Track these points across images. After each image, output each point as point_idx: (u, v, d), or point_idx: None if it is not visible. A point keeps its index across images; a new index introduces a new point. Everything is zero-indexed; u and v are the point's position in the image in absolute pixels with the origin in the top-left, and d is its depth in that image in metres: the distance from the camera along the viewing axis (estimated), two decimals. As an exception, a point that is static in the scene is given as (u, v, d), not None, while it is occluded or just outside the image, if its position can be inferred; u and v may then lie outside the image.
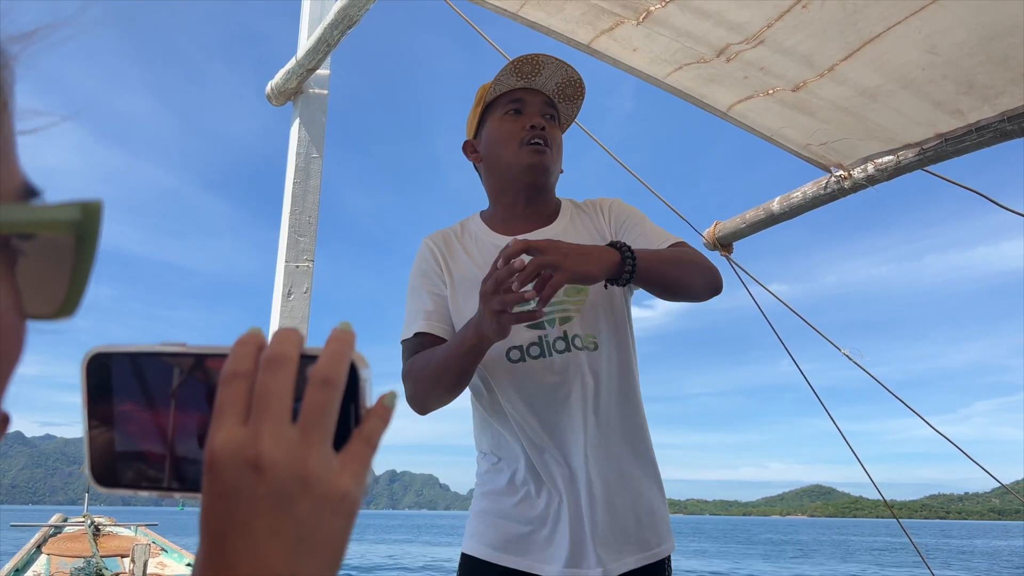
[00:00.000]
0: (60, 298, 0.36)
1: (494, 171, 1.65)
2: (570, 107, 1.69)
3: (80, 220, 0.34)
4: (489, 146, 1.65)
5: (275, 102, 2.60)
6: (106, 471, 0.44)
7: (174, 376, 0.44)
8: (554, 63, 1.60)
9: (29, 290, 0.35)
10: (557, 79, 1.63)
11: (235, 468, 0.39)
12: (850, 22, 1.86)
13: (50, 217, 0.34)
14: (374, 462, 0.44)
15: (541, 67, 1.60)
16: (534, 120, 1.59)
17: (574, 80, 1.64)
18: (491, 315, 1.28)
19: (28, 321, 0.36)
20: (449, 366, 1.41)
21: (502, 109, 1.63)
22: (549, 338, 1.51)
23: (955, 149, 2.18)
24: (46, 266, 0.35)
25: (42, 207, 0.34)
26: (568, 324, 1.52)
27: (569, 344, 1.51)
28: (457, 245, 1.65)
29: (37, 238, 0.34)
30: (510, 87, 1.63)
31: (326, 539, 0.40)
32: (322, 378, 0.41)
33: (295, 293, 2.46)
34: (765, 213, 2.79)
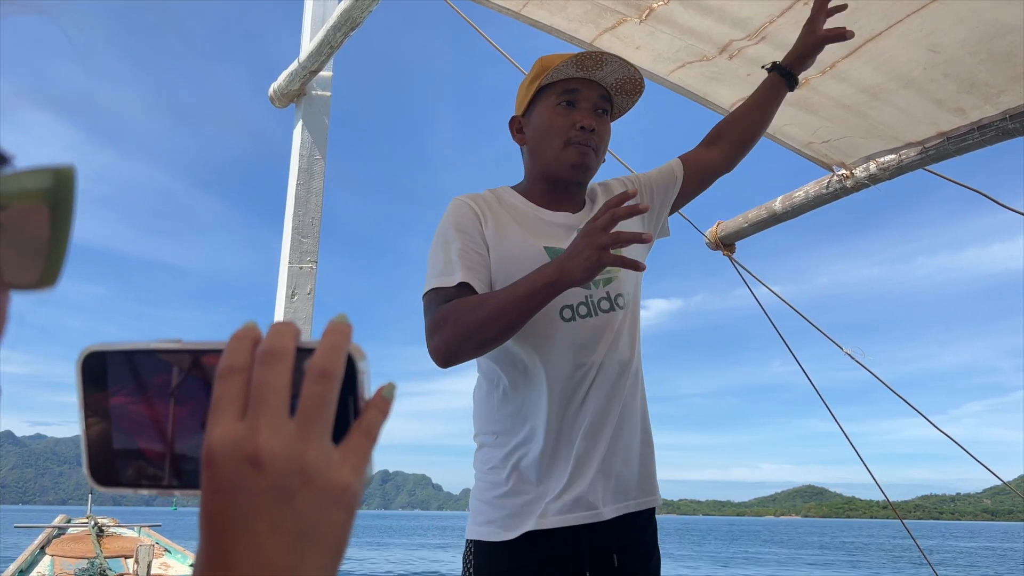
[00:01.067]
0: (40, 267, 0.35)
1: (536, 158, 1.65)
2: (626, 100, 1.67)
3: (52, 187, 0.33)
4: (535, 133, 1.63)
5: (278, 104, 2.61)
6: (104, 470, 0.44)
7: (170, 373, 0.43)
8: (618, 61, 1.57)
9: (8, 260, 0.35)
10: (618, 75, 1.60)
11: (233, 463, 0.39)
12: (851, 20, 1.86)
13: (21, 187, 0.33)
14: (374, 455, 0.43)
15: (604, 63, 1.57)
16: (585, 120, 1.57)
17: (635, 79, 1.61)
18: (595, 250, 1.29)
19: (11, 292, 0.36)
20: (511, 307, 1.38)
21: (556, 97, 1.60)
22: (594, 298, 1.56)
23: (957, 148, 2.17)
24: (23, 235, 0.34)
25: (12, 176, 0.34)
26: (610, 285, 1.57)
27: (613, 303, 1.57)
28: (502, 212, 1.61)
29: (11, 208, 0.33)
30: (568, 75, 1.59)
31: (327, 533, 0.40)
32: (319, 371, 0.41)
33: (299, 294, 2.47)
34: (767, 212, 2.79)
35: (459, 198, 1.63)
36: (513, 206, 1.63)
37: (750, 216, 2.85)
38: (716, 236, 2.91)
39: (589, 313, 1.54)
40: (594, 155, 1.60)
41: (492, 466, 1.59)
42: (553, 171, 1.61)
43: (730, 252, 2.90)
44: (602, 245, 1.29)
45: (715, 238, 2.91)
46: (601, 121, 1.61)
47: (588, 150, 1.57)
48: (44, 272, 0.36)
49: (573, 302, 1.54)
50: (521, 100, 1.68)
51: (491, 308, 1.39)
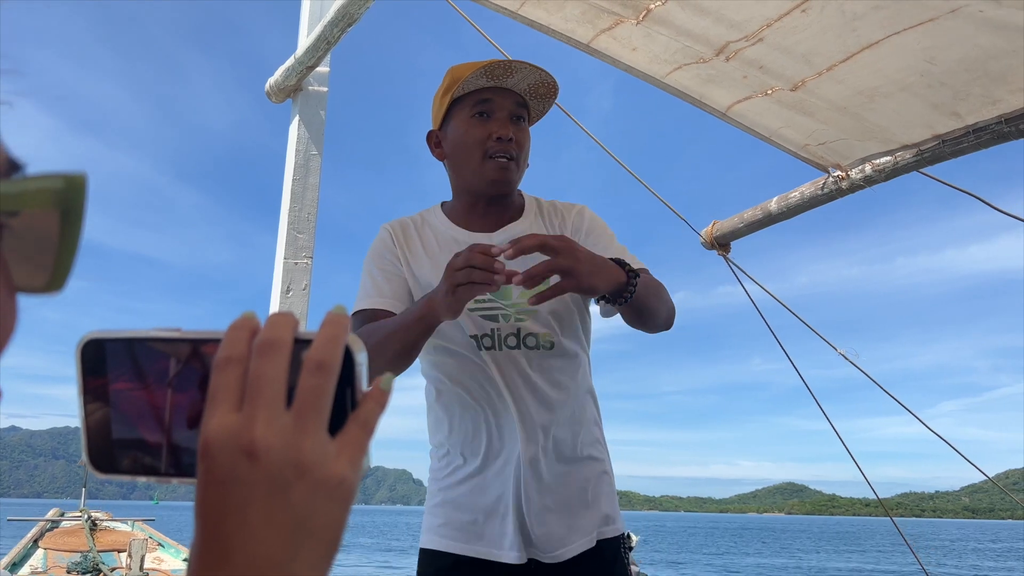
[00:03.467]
0: (49, 271, 0.35)
1: (457, 172, 1.64)
2: (542, 104, 1.64)
3: (64, 193, 0.33)
4: (453, 147, 1.61)
5: (274, 99, 2.61)
6: (103, 457, 0.44)
7: (169, 361, 0.43)
8: (528, 67, 1.55)
9: (17, 264, 0.35)
10: (530, 80, 1.57)
11: (229, 455, 0.39)
12: (849, 28, 1.86)
13: (34, 189, 0.33)
14: (371, 447, 0.43)
15: (514, 70, 1.55)
16: (502, 130, 1.55)
17: (547, 82, 1.58)
18: (450, 287, 1.28)
19: (18, 295, 0.36)
20: (396, 337, 1.41)
21: (470, 109, 1.58)
22: (501, 333, 1.53)
23: (952, 150, 2.18)
24: (34, 240, 0.34)
25: (25, 181, 0.34)
26: (522, 323, 1.54)
27: (520, 342, 1.53)
28: (416, 238, 1.64)
29: (22, 212, 0.34)
30: (479, 86, 1.57)
31: (322, 525, 0.40)
32: (316, 362, 0.41)
33: (294, 290, 2.47)
34: (763, 213, 2.79)
35: (383, 226, 1.68)
36: (435, 228, 1.65)
37: (746, 216, 2.86)
38: (712, 236, 2.91)
39: (494, 346, 1.53)
40: (515, 166, 1.57)
41: (437, 473, 1.63)
42: (474, 186, 1.61)
43: (725, 252, 2.90)
44: (455, 283, 1.28)
45: (711, 238, 2.92)
46: (519, 128, 1.58)
47: (507, 162, 1.55)
48: (53, 277, 0.36)
49: (478, 333, 1.53)
50: (436, 113, 1.65)
51: (380, 336, 1.43)
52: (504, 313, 1.54)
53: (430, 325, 1.39)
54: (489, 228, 1.63)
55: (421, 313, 1.37)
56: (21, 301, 0.36)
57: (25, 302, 0.37)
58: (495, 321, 1.54)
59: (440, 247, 1.61)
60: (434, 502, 1.61)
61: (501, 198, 1.63)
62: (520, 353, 1.53)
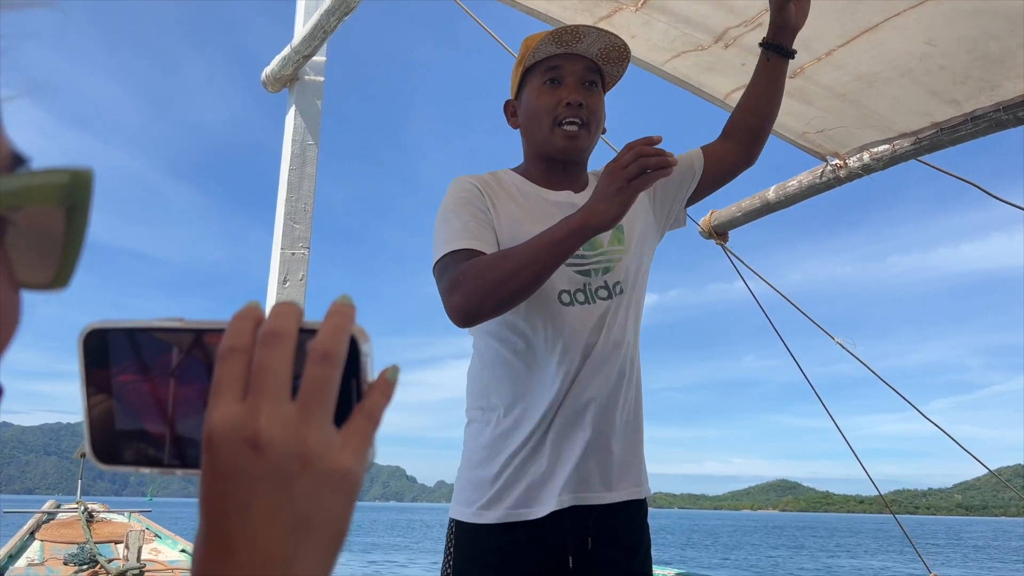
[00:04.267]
0: (54, 268, 0.35)
1: (529, 140, 1.64)
2: (615, 68, 1.63)
3: (70, 188, 0.33)
4: (526, 116, 1.62)
5: (271, 88, 2.60)
6: (106, 448, 0.43)
7: (172, 352, 0.43)
8: (596, 31, 1.54)
9: (22, 260, 0.34)
10: (600, 45, 1.56)
11: (233, 446, 0.38)
12: (848, 10, 1.86)
13: (39, 185, 0.33)
14: (376, 439, 0.42)
15: (582, 36, 1.54)
16: (571, 96, 1.54)
17: (618, 45, 1.57)
18: (623, 183, 1.26)
19: (23, 291, 0.35)
20: (537, 258, 1.35)
21: (540, 77, 1.58)
22: (592, 286, 1.54)
23: (951, 139, 2.18)
24: (39, 235, 0.34)
25: (30, 175, 0.33)
26: (608, 274, 1.56)
27: (611, 291, 1.55)
28: (500, 191, 1.59)
29: (27, 208, 0.33)
30: (548, 54, 1.56)
31: (327, 518, 0.39)
32: (321, 353, 0.40)
33: (291, 280, 2.46)
34: (761, 202, 2.79)
35: (460, 178, 1.61)
36: (514, 186, 1.61)
37: (744, 205, 2.86)
38: (709, 225, 2.91)
39: (587, 300, 1.53)
40: (585, 131, 1.56)
41: (478, 443, 1.57)
42: (547, 152, 1.59)
43: (723, 241, 2.90)
44: (628, 177, 1.25)
45: (708, 227, 2.92)
46: (590, 93, 1.57)
47: (577, 128, 1.55)
48: (57, 273, 0.35)
49: (570, 288, 1.53)
50: (513, 83, 1.67)
51: (515, 260, 1.36)
52: (594, 268, 1.55)
53: (588, 236, 1.34)
54: (573, 189, 1.62)
55: (580, 223, 1.31)
56: (24, 297, 0.36)
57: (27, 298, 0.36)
58: (588, 276, 1.54)
59: (526, 201, 1.58)
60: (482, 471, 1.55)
61: (570, 168, 1.62)
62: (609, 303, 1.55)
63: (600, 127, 1.61)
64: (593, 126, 1.58)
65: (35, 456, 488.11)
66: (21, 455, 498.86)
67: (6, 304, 0.34)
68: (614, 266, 1.57)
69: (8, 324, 0.35)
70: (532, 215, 1.55)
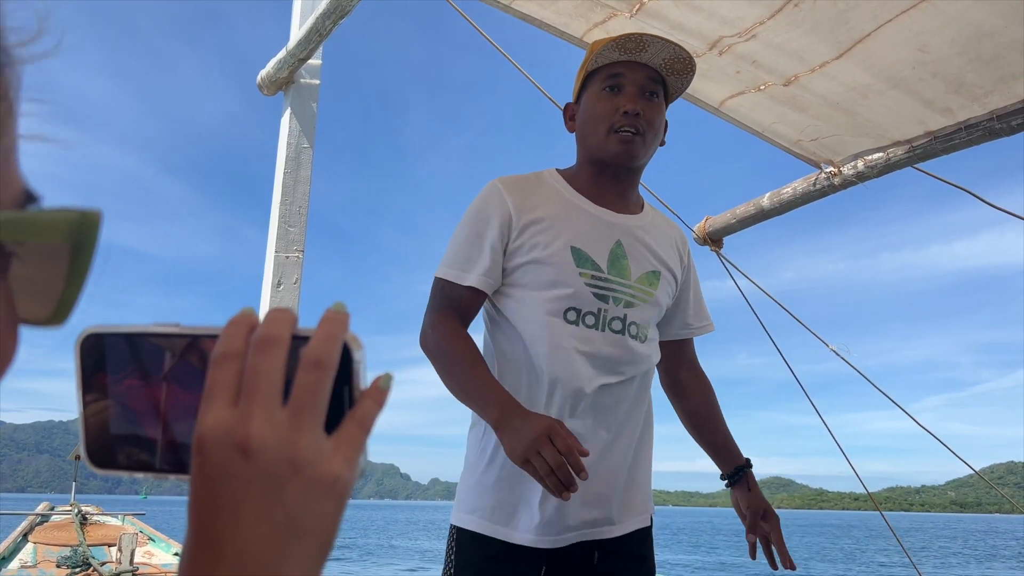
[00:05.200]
0: (53, 304, 0.35)
1: (583, 144, 1.61)
2: (679, 80, 1.59)
3: (78, 226, 0.33)
4: (583, 120, 1.59)
5: (266, 91, 2.59)
6: (101, 452, 0.44)
7: (168, 357, 0.43)
8: (662, 42, 1.51)
9: (22, 295, 0.35)
10: (666, 55, 1.53)
11: (223, 451, 0.39)
12: (841, 20, 1.86)
13: (47, 221, 0.33)
14: (368, 446, 0.43)
15: (647, 44, 1.51)
16: (628, 105, 1.51)
17: (683, 57, 1.54)
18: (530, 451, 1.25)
19: (20, 326, 0.36)
20: (459, 392, 1.44)
21: (600, 83, 1.55)
22: (607, 315, 1.51)
23: (944, 147, 2.19)
24: (40, 271, 0.34)
25: (39, 213, 0.34)
26: (630, 310, 1.53)
27: (625, 328, 1.52)
28: (536, 193, 1.57)
29: (33, 243, 0.34)
30: (612, 59, 1.54)
31: (315, 524, 0.39)
32: (313, 360, 0.41)
33: (285, 283, 2.46)
34: (755, 208, 2.80)
35: (495, 183, 1.57)
36: (556, 191, 1.58)
37: (738, 212, 2.86)
38: (704, 232, 2.92)
39: (596, 326, 1.50)
40: (641, 140, 1.52)
41: (480, 447, 1.55)
42: (599, 157, 1.56)
43: (718, 248, 2.91)
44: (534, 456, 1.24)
45: (703, 233, 2.92)
46: (649, 104, 1.53)
47: (632, 136, 1.51)
48: (56, 310, 0.35)
49: (582, 308, 1.50)
50: (575, 86, 1.64)
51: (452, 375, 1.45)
52: (616, 296, 1.52)
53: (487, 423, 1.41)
54: (619, 208, 1.59)
55: (492, 419, 1.36)
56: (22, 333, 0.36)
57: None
58: (605, 302, 1.51)
59: (562, 208, 1.55)
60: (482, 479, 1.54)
61: (626, 173, 1.59)
62: (620, 339, 1.52)
63: (658, 138, 1.58)
64: (649, 136, 1.54)
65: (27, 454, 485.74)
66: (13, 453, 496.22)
67: (4, 337, 0.35)
68: (639, 303, 1.54)
69: (5, 357, 0.35)
70: (565, 224, 1.52)
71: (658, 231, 1.63)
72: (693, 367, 1.70)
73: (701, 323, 1.71)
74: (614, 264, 1.53)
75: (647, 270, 1.56)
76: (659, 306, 1.59)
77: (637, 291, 1.54)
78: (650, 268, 1.57)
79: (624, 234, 1.56)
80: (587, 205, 1.57)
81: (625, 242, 1.55)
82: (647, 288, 1.56)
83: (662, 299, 1.59)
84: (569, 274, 1.49)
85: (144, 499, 49.44)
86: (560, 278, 1.49)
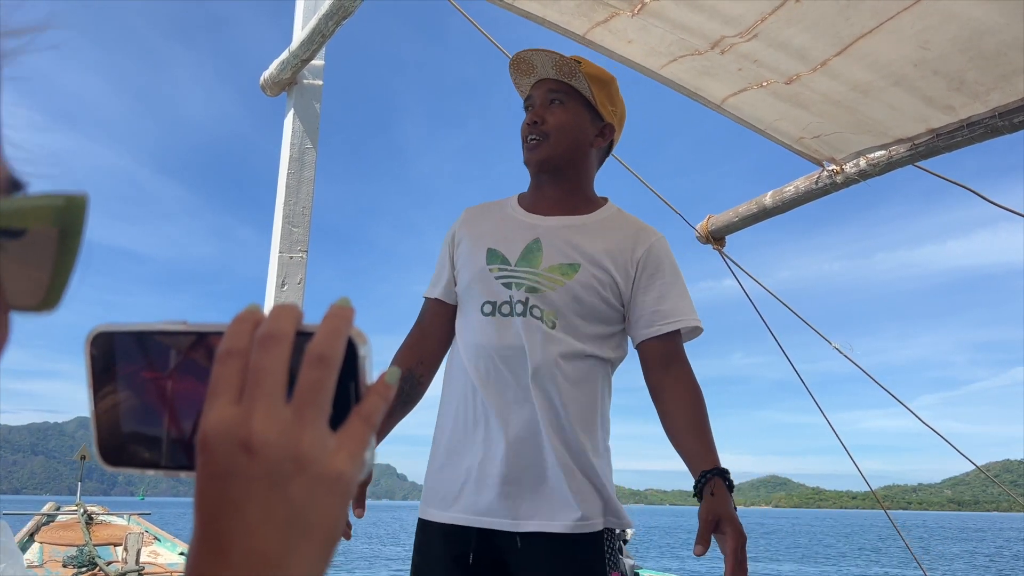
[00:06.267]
0: (43, 290, 0.35)
1: None
2: (579, 81, 1.70)
3: (64, 211, 0.33)
4: None
5: (269, 92, 2.59)
6: (112, 450, 0.44)
7: (176, 354, 0.43)
8: (542, 53, 1.69)
9: (11, 282, 0.35)
10: (551, 63, 1.69)
11: (227, 448, 0.38)
12: (842, 16, 1.87)
13: (33, 207, 0.33)
14: (373, 441, 0.42)
15: (532, 61, 1.71)
16: (528, 117, 1.70)
17: (558, 60, 1.69)
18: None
19: (11, 313, 0.36)
20: None
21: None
22: (513, 299, 1.61)
23: (946, 144, 2.19)
24: (29, 258, 0.34)
25: (25, 199, 0.34)
26: (532, 294, 1.60)
27: (527, 310, 1.59)
28: (487, 213, 1.79)
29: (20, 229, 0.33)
30: (525, 87, 1.76)
31: (320, 520, 0.39)
32: (317, 355, 0.40)
33: (289, 284, 2.46)
34: (758, 207, 2.80)
35: (466, 210, 1.84)
36: (500, 209, 1.78)
37: (740, 211, 2.87)
38: (707, 230, 2.92)
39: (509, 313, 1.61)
40: (545, 143, 1.67)
41: (434, 441, 1.69)
42: (528, 169, 1.75)
43: (720, 246, 2.91)
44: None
45: (706, 232, 2.92)
46: (551, 110, 1.69)
47: (534, 143, 1.68)
48: (47, 295, 0.35)
49: (496, 300, 1.63)
50: None
51: None
52: (518, 282, 1.62)
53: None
54: (544, 211, 1.72)
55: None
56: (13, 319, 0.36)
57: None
58: (510, 288, 1.62)
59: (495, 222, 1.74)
60: (428, 469, 1.69)
61: (556, 177, 1.72)
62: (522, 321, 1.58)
63: (570, 136, 1.69)
64: (556, 137, 1.68)
65: (22, 456, 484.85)
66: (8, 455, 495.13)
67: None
68: (542, 289, 1.60)
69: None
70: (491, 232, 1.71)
71: (603, 231, 1.68)
72: (669, 369, 1.63)
73: (660, 324, 1.63)
74: (525, 256, 1.64)
75: (562, 262, 1.62)
76: (574, 295, 1.60)
77: (544, 278, 1.60)
78: (567, 260, 1.62)
79: (546, 233, 1.67)
80: (519, 214, 1.73)
81: (545, 239, 1.65)
82: (557, 276, 1.61)
83: (578, 289, 1.60)
84: (482, 272, 1.66)
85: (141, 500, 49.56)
86: (475, 277, 1.66)
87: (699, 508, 1.45)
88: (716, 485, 1.45)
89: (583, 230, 1.67)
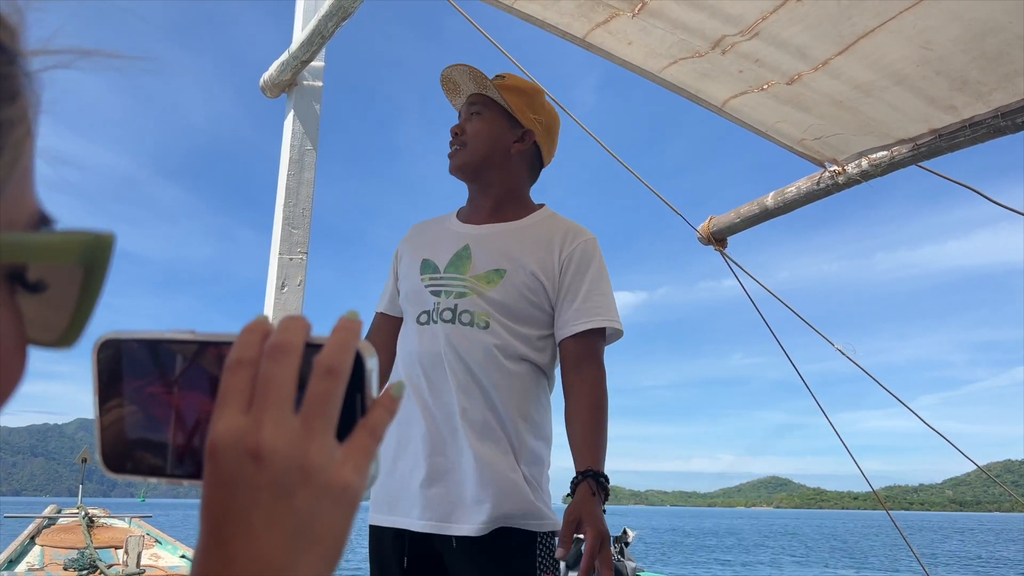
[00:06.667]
0: (63, 326, 0.35)
1: None
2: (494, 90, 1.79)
3: (91, 249, 0.34)
4: None
5: (269, 94, 2.59)
6: (116, 457, 0.44)
7: (183, 363, 0.44)
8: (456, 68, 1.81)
9: (32, 316, 0.35)
10: (468, 76, 1.81)
11: (235, 457, 0.39)
12: (844, 16, 1.86)
13: (60, 243, 0.33)
14: (379, 454, 0.43)
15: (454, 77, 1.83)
16: (452, 129, 1.82)
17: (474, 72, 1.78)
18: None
19: (29, 347, 0.36)
20: None
21: None
22: (440, 307, 1.66)
23: (949, 145, 2.18)
24: (51, 293, 0.34)
25: (53, 235, 0.34)
26: (461, 299, 1.65)
27: (455, 317, 1.64)
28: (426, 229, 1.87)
29: (46, 264, 0.34)
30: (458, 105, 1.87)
31: (325, 531, 0.40)
32: (326, 367, 0.41)
33: (288, 285, 2.45)
34: (760, 208, 2.79)
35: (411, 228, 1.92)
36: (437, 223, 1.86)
37: (742, 211, 2.86)
38: (708, 231, 2.91)
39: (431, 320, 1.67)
40: (462, 151, 1.78)
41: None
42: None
43: (722, 247, 2.90)
44: None
45: (707, 233, 2.92)
46: (471, 121, 1.79)
47: (453, 152, 1.80)
48: (66, 332, 0.36)
49: (429, 308, 1.68)
50: None
51: None
52: (447, 289, 1.68)
53: None
54: (477, 221, 1.79)
55: None
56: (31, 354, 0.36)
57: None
58: (439, 296, 1.68)
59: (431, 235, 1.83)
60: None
61: (482, 190, 1.80)
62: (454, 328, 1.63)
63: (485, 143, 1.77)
64: (472, 144, 1.77)
65: (22, 457, 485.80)
66: (8, 456, 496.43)
67: (14, 356, 0.35)
68: (472, 294, 1.66)
69: (11, 380, 0.35)
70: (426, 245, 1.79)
71: (532, 234, 1.73)
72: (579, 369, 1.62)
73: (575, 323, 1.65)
74: (453, 263, 1.71)
75: (489, 268, 1.67)
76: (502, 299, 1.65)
77: (470, 283, 1.66)
78: (494, 266, 1.67)
79: (476, 240, 1.73)
80: (455, 226, 1.81)
81: (474, 246, 1.72)
82: (483, 283, 1.66)
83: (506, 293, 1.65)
84: (416, 283, 1.73)
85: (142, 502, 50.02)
86: (412, 288, 1.74)
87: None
88: (583, 487, 1.45)
89: (512, 235, 1.73)
